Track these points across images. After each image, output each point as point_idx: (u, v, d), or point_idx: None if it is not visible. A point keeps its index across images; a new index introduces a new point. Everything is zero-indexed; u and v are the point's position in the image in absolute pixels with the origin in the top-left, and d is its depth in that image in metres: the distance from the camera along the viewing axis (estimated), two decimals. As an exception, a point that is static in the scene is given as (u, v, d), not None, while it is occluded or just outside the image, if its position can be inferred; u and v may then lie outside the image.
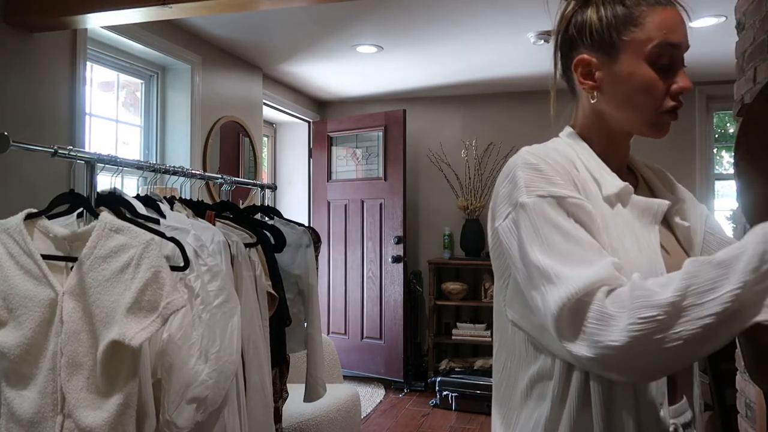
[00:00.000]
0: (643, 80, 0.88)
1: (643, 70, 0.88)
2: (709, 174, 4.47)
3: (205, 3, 2.14)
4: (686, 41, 0.89)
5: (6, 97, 2.27)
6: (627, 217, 0.88)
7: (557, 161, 0.86)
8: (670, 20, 0.87)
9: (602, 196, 0.87)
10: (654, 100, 0.90)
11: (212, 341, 1.53)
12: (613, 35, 0.89)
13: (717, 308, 0.66)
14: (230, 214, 2.10)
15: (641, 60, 0.88)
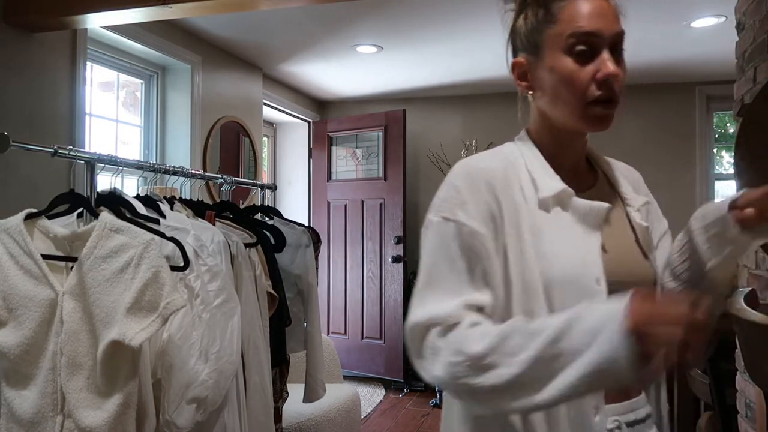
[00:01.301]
0: (562, 72, 0.89)
1: (561, 62, 0.89)
2: (709, 174, 4.47)
3: (205, 3, 2.14)
4: (609, 27, 0.88)
5: (6, 97, 2.27)
6: (565, 221, 0.90)
7: (484, 178, 0.90)
8: (585, 9, 0.88)
9: (538, 200, 0.90)
10: (577, 90, 0.89)
11: (212, 341, 1.53)
12: (536, 36, 0.92)
13: (515, 370, 0.75)
14: (230, 214, 2.10)
15: (560, 53, 0.89)
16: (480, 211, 0.89)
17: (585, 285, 0.86)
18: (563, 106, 0.91)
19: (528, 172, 0.93)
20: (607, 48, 0.88)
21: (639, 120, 4.53)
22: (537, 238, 0.88)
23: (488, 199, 0.90)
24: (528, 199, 0.90)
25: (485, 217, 0.89)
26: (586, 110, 0.89)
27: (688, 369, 0.90)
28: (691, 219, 0.96)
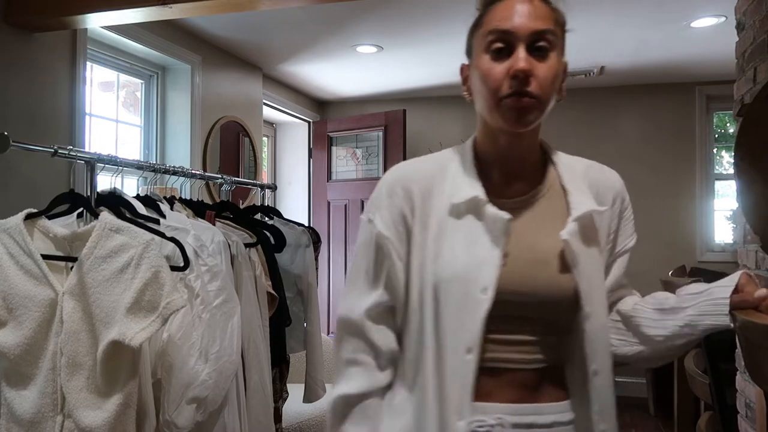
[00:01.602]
0: (481, 70, 0.93)
1: (481, 61, 0.93)
2: (709, 174, 4.47)
3: (205, 3, 2.14)
4: (526, 25, 0.90)
5: (6, 97, 2.27)
6: (474, 228, 0.92)
7: (403, 184, 0.97)
8: (504, 10, 0.92)
9: (450, 205, 0.94)
10: (491, 86, 0.91)
11: (212, 341, 1.53)
12: (470, 40, 0.99)
13: None
14: (230, 214, 2.10)
15: (482, 52, 0.93)
16: (392, 215, 0.97)
17: (470, 293, 0.89)
18: (483, 102, 0.94)
19: (452, 178, 0.96)
20: (523, 45, 0.90)
21: (639, 120, 4.54)
22: (439, 242, 0.92)
23: (402, 205, 0.96)
24: (443, 204, 0.94)
25: (396, 222, 0.96)
26: (499, 105, 0.91)
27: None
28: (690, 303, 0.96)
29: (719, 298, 0.92)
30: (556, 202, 0.98)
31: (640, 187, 4.50)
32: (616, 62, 3.95)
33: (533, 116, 0.92)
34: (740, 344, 0.99)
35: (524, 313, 0.92)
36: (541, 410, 0.92)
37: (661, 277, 1.95)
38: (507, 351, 0.92)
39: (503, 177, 0.98)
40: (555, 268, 0.92)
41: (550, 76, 0.92)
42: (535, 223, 0.96)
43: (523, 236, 0.94)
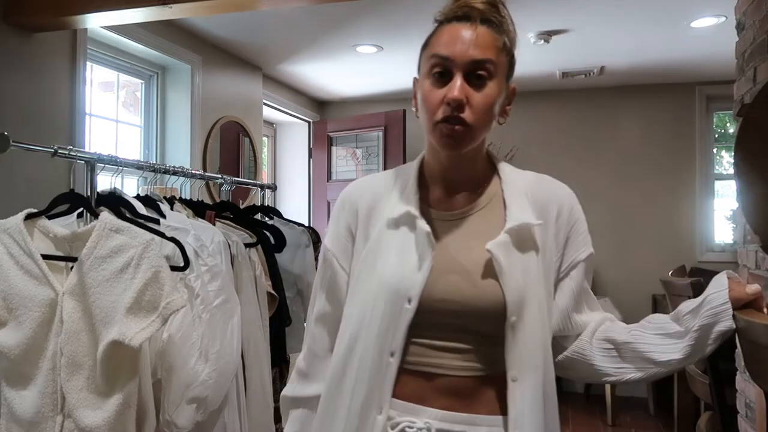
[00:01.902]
0: (423, 91, 0.98)
1: (424, 83, 0.98)
2: (709, 174, 4.47)
3: (205, 3, 2.13)
4: (465, 54, 0.93)
5: (6, 97, 2.27)
6: (407, 240, 0.97)
7: (350, 201, 1.06)
8: (447, 35, 0.96)
9: (387, 219, 1.00)
10: (429, 110, 0.96)
11: (212, 341, 1.53)
12: (419, 58, 1.02)
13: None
14: (230, 214, 2.10)
15: (425, 74, 0.98)
16: (338, 229, 1.05)
17: (397, 302, 0.94)
18: (423, 122, 1.00)
19: (394, 195, 1.02)
20: (461, 74, 0.93)
21: (639, 120, 4.54)
22: (375, 254, 0.98)
23: (349, 221, 1.05)
24: (382, 219, 1.00)
25: (341, 235, 1.05)
26: (434, 128, 0.96)
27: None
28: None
29: (719, 303, 0.94)
30: (494, 214, 1.00)
31: (640, 187, 4.51)
32: (616, 62, 3.95)
33: (464, 143, 0.96)
34: (740, 344, 0.99)
35: (453, 322, 0.95)
36: (473, 421, 0.94)
37: (661, 277, 1.95)
38: (438, 356, 0.95)
39: (445, 191, 1.03)
40: (481, 278, 0.94)
41: (484, 105, 0.95)
42: (468, 235, 0.99)
43: (455, 248, 0.98)
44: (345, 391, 0.97)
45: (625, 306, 4.27)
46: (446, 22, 0.97)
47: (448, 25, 0.97)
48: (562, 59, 3.86)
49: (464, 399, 0.95)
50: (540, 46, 3.49)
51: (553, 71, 4.15)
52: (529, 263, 0.96)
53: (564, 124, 4.69)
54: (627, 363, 1.02)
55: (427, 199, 1.03)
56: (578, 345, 1.05)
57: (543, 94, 4.68)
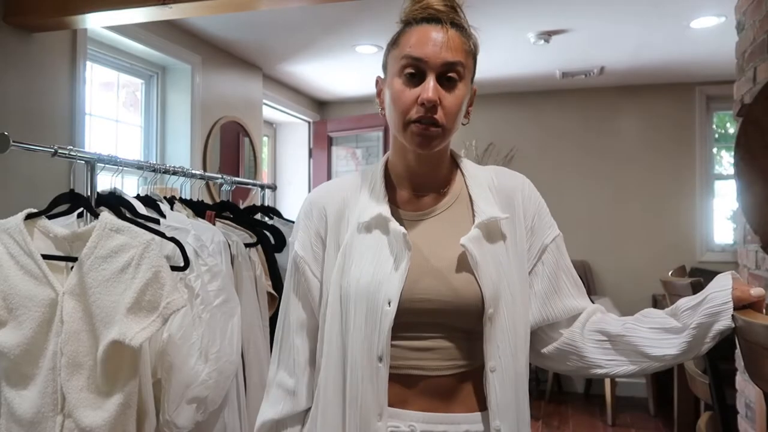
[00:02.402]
0: (393, 90, 0.97)
1: (394, 82, 0.97)
2: (709, 174, 4.47)
3: (205, 3, 2.14)
4: (438, 56, 0.94)
5: (6, 97, 2.27)
6: (380, 243, 0.97)
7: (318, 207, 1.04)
8: (419, 36, 0.96)
9: (358, 222, 0.99)
10: (400, 108, 0.96)
11: (212, 341, 1.53)
12: (386, 56, 1.02)
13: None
14: (230, 214, 2.10)
15: (396, 74, 0.98)
16: (308, 236, 1.04)
17: (376, 306, 0.93)
18: (392, 122, 0.99)
19: (363, 198, 1.02)
20: (433, 75, 0.94)
21: (639, 120, 4.54)
22: (347, 259, 0.98)
23: (318, 226, 1.03)
24: (353, 223, 1.00)
25: (312, 242, 1.03)
26: (406, 128, 0.96)
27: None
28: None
29: (721, 302, 0.94)
30: (462, 211, 1.03)
31: (640, 187, 4.51)
32: (616, 62, 3.95)
33: (437, 142, 0.97)
34: (740, 344, 0.99)
35: (433, 320, 0.96)
36: (454, 420, 0.96)
37: (661, 277, 1.95)
38: (419, 358, 0.96)
39: (412, 191, 1.04)
40: (456, 274, 0.96)
41: (456, 106, 0.96)
42: (439, 233, 1.00)
43: (428, 247, 0.98)
44: (342, 402, 0.95)
45: (625, 306, 4.27)
46: (415, 24, 0.98)
47: (417, 26, 0.97)
48: (562, 59, 3.86)
49: (444, 398, 0.96)
50: (540, 46, 3.49)
51: (553, 71, 4.15)
52: (500, 254, 0.98)
53: (564, 124, 4.69)
54: (620, 356, 1.02)
55: (394, 201, 1.03)
56: (569, 336, 1.06)
57: (543, 94, 4.68)
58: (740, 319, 0.93)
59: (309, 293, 1.04)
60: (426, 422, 0.94)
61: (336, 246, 1.01)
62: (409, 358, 0.95)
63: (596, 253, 4.52)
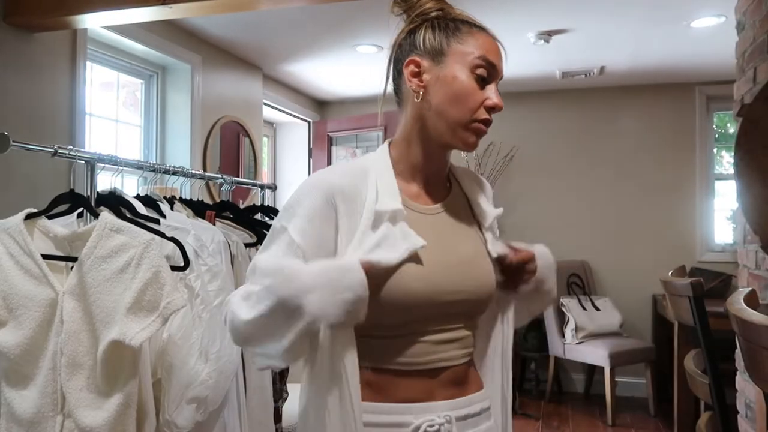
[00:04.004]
0: (463, 85, 0.98)
1: (464, 76, 0.98)
2: (709, 174, 4.47)
3: (205, 3, 2.14)
4: (502, 68, 1.01)
5: (6, 97, 2.27)
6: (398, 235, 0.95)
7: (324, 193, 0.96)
8: (490, 44, 1.00)
9: (375, 212, 0.96)
10: (469, 105, 0.98)
11: (212, 341, 1.53)
12: (443, 43, 1.00)
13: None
14: (230, 214, 2.10)
15: (465, 67, 0.98)
16: (312, 226, 0.95)
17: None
18: (450, 115, 0.99)
19: (375, 184, 0.99)
20: (496, 84, 1.00)
21: (639, 120, 4.54)
22: (362, 246, 0.94)
23: (323, 213, 0.95)
24: (368, 211, 0.96)
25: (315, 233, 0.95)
26: (468, 127, 0.99)
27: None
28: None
29: None
30: (462, 204, 1.09)
31: (640, 187, 4.50)
32: (616, 62, 3.95)
33: (478, 145, 1.04)
34: (740, 344, 0.99)
35: (456, 312, 1.00)
36: (470, 401, 1.02)
37: (661, 277, 1.95)
38: (444, 350, 0.99)
39: (422, 185, 1.05)
40: (477, 266, 1.02)
41: None
42: (452, 227, 1.04)
43: (447, 241, 1.01)
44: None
45: (625, 306, 4.28)
46: (474, 27, 1.01)
47: (479, 31, 1.01)
48: (562, 59, 3.86)
49: (461, 384, 1.02)
50: (540, 46, 3.49)
51: (553, 71, 4.15)
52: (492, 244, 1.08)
53: (564, 124, 4.69)
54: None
55: (406, 194, 1.02)
56: None
57: (543, 94, 4.68)
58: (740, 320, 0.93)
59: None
60: (453, 409, 0.98)
61: (348, 232, 0.96)
62: (436, 351, 0.98)
63: (596, 253, 4.52)
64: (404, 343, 0.97)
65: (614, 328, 4.08)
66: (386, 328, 0.97)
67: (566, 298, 4.12)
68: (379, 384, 0.97)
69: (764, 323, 0.88)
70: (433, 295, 0.96)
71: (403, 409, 0.96)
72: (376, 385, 0.97)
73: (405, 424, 0.95)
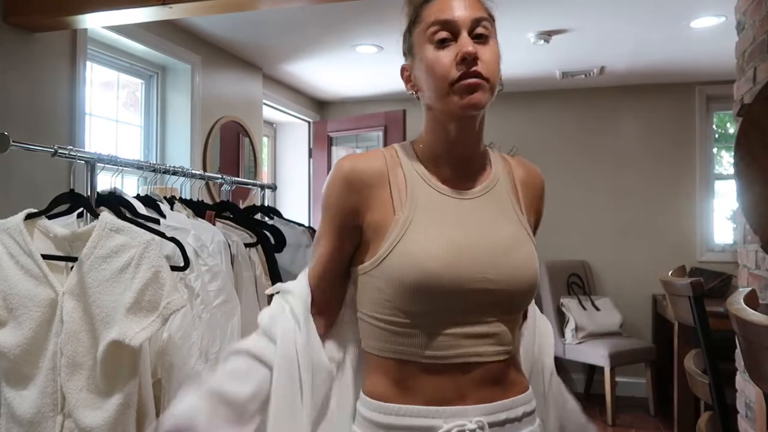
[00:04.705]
0: (427, 60, 0.95)
1: (426, 52, 0.95)
2: (709, 174, 4.47)
3: (205, 3, 2.14)
4: (465, 14, 0.94)
5: (6, 97, 2.27)
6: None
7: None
8: (440, 4, 0.96)
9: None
10: (439, 73, 0.93)
11: (212, 341, 1.53)
12: (409, 38, 1.01)
13: None
14: (230, 214, 2.10)
15: (425, 43, 0.96)
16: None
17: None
18: (433, 92, 0.95)
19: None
20: (466, 32, 0.93)
21: (639, 120, 4.54)
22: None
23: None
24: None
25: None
26: (450, 91, 0.93)
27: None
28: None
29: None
30: (505, 194, 1.03)
31: (640, 186, 4.50)
32: (616, 62, 3.95)
33: (484, 96, 0.93)
34: (740, 344, 0.99)
35: (488, 302, 0.94)
36: (510, 405, 0.96)
37: (661, 277, 1.94)
38: (475, 345, 0.93)
39: (454, 170, 1.01)
40: (514, 255, 0.96)
41: (494, 60, 0.95)
42: (491, 215, 0.99)
43: (479, 227, 0.96)
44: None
45: (625, 306, 4.28)
46: (428, 1, 0.97)
47: (432, 3, 0.97)
48: (562, 59, 3.86)
49: (500, 385, 0.95)
50: (540, 46, 3.49)
51: (553, 71, 4.15)
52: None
53: (564, 124, 4.69)
54: None
55: (434, 176, 1.00)
56: None
57: (543, 94, 4.68)
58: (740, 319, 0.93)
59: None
60: (487, 413, 0.93)
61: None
62: (464, 345, 0.93)
63: (596, 253, 4.52)
64: (429, 334, 0.92)
65: (614, 328, 4.08)
66: (409, 315, 0.93)
67: (566, 298, 4.12)
68: (406, 381, 0.94)
69: (764, 323, 0.88)
70: (456, 280, 0.91)
71: (432, 412, 0.91)
72: (402, 382, 0.94)
73: (434, 429, 0.91)
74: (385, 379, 0.95)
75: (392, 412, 0.93)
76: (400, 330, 0.94)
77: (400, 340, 0.94)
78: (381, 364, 0.97)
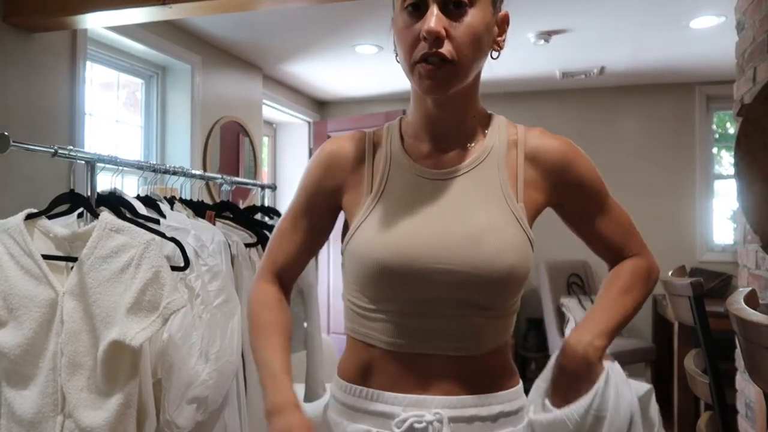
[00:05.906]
0: (397, 29, 0.88)
1: (398, 18, 0.88)
2: (709, 174, 4.47)
3: (205, 3, 2.13)
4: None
5: (6, 97, 2.27)
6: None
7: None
8: None
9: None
10: (404, 47, 0.86)
11: (212, 341, 1.53)
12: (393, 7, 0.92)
13: None
14: (230, 214, 2.10)
15: (399, 10, 0.88)
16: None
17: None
18: (402, 64, 0.89)
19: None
20: (436, 5, 0.82)
21: (639, 120, 4.54)
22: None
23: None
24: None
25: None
26: (413, 71, 0.86)
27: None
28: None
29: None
30: (492, 172, 0.92)
31: (640, 186, 4.50)
32: (616, 62, 3.95)
33: (449, 83, 0.85)
34: (740, 344, 0.99)
35: (454, 293, 0.87)
36: (480, 402, 0.89)
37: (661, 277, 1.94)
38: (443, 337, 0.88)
39: (433, 144, 0.94)
40: (487, 241, 0.86)
41: (468, 36, 0.83)
42: (468, 198, 0.90)
43: (456, 213, 0.88)
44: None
45: (625, 306, 4.27)
46: None
47: None
48: (562, 59, 3.86)
49: (471, 380, 0.89)
50: (540, 46, 3.49)
51: (553, 71, 4.15)
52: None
53: (564, 124, 4.68)
54: None
55: (413, 155, 0.94)
56: None
57: (543, 94, 4.68)
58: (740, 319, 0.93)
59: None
60: (449, 407, 0.87)
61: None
62: (423, 336, 0.88)
63: (596, 253, 4.52)
64: (391, 320, 0.89)
65: (614, 328, 4.07)
66: (371, 300, 0.91)
67: (566, 298, 4.12)
68: (371, 365, 0.92)
69: (764, 323, 0.88)
70: (406, 269, 0.85)
71: (391, 398, 0.89)
72: (368, 365, 0.92)
73: (392, 415, 0.87)
74: (354, 361, 0.95)
75: (355, 394, 0.93)
76: (365, 314, 0.92)
77: (366, 323, 0.92)
78: (352, 345, 0.96)
